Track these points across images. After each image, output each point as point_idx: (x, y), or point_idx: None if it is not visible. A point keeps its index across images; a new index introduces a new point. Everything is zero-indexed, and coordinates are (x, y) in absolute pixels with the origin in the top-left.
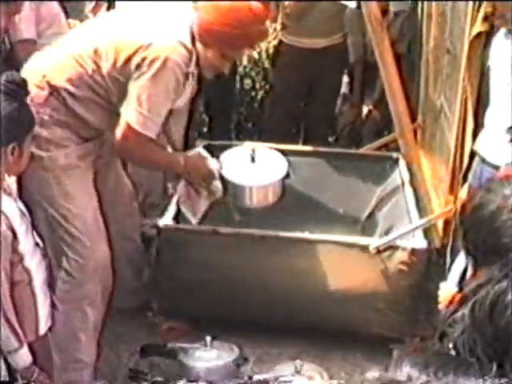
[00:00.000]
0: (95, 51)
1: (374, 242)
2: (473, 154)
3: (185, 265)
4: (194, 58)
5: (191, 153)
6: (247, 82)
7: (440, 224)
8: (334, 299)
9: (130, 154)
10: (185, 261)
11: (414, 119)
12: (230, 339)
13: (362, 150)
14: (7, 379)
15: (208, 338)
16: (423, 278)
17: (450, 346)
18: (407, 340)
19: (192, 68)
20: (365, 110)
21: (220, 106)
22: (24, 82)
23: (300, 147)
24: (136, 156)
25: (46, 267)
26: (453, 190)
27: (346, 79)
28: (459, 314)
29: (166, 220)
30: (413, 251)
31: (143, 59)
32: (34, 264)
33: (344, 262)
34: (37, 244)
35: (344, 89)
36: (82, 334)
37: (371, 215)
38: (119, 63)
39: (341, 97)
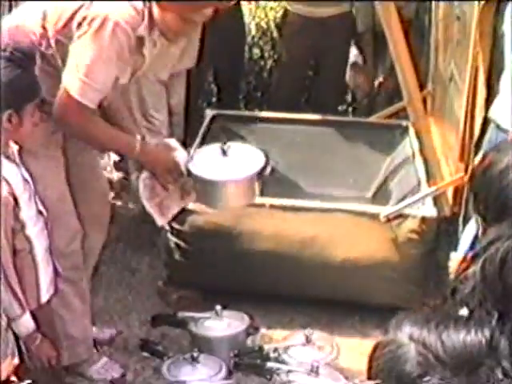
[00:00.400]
0: (43, 15)
1: (384, 210)
2: (486, 122)
3: (195, 234)
4: (147, 21)
5: (157, 142)
6: (256, 51)
7: (450, 192)
8: (344, 268)
9: (67, 124)
10: (195, 231)
11: (422, 87)
12: (241, 309)
13: (371, 119)
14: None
15: (218, 308)
16: (433, 246)
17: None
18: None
19: (144, 32)
20: (376, 80)
21: (229, 75)
22: (31, 52)
23: (309, 116)
24: (74, 127)
25: (49, 235)
26: (463, 157)
27: (355, 50)
28: (470, 270)
29: None
30: (423, 219)
31: (84, 18)
32: (36, 232)
33: (354, 231)
34: (40, 212)
35: (356, 58)
36: (63, 310)
37: (381, 184)
38: (61, 23)
39: (353, 67)
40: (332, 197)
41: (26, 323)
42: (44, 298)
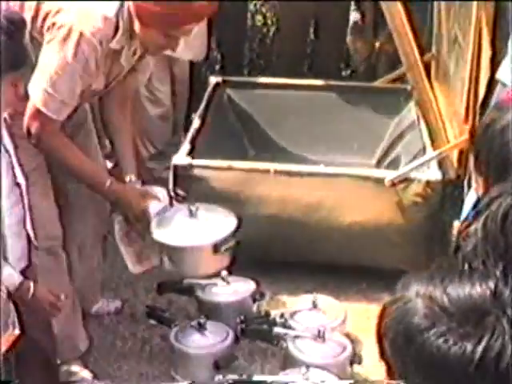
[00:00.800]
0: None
1: (388, 174)
2: (493, 83)
3: (200, 200)
4: (122, 33)
5: (135, 186)
6: (259, 18)
7: (455, 155)
8: (350, 233)
9: (35, 136)
10: (200, 196)
11: (422, 51)
12: (247, 274)
13: (375, 83)
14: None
15: (225, 274)
16: (438, 210)
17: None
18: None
19: (117, 45)
20: (378, 44)
21: (232, 43)
22: (22, 21)
23: (312, 81)
24: (42, 141)
25: (23, 207)
26: (467, 119)
27: (357, 14)
28: (472, 227)
29: (181, 156)
30: (428, 183)
31: (53, 24)
32: (9, 204)
33: (359, 196)
34: (17, 184)
35: (355, 20)
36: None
37: (386, 148)
38: (39, 21)
39: (352, 30)
40: (337, 162)
41: (9, 279)
42: (18, 268)
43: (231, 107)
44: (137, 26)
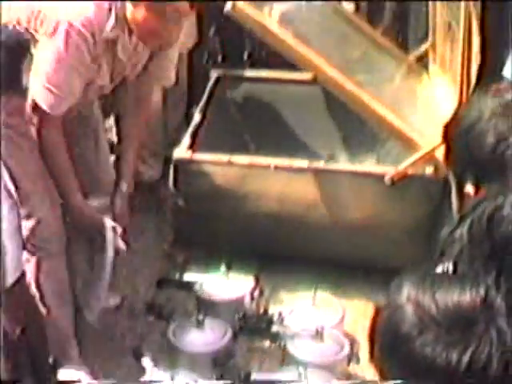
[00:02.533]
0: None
1: (388, 171)
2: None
3: (201, 196)
4: (115, 21)
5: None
6: None
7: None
8: (349, 230)
9: (36, 132)
10: (200, 191)
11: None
12: (246, 271)
13: None
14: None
15: (224, 270)
16: (439, 207)
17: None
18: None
19: (111, 33)
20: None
21: (233, 35)
22: (25, 43)
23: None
24: (42, 136)
25: (18, 214)
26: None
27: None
28: (458, 232)
29: (181, 150)
30: (428, 180)
31: (44, 17)
32: (4, 211)
33: (359, 192)
34: (8, 191)
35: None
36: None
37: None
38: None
39: None
40: (337, 157)
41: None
42: (11, 279)
43: (232, 101)
44: (129, 9)
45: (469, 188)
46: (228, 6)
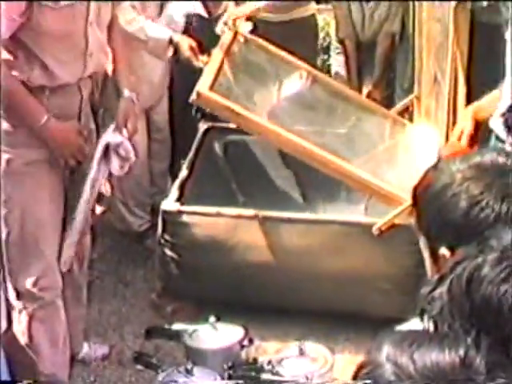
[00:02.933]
0: None
1: (376, 221)
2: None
3: (189, 247)
4: None
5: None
6: None
7: None
8: (338, 280)
9: None
10: (188, 242)
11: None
12: (235, 321)
13: None
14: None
15: (213, 320)
16: None
17: (430, 323)
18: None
19: None
20: (364, 90)
21: None
22: None
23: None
24: None
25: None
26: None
27: (340, 58)
28: (437, 291)
29: (169, 202)
30: (416, 230)
31: None
32: None
33: (348, 242)
34: None
35: (338, 69)
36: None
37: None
38: None
39: (335, 77)
40: (325, 208)
41: None
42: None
43: (221, 153)
44: None
45: (443, 250)
46: (193, 95)
